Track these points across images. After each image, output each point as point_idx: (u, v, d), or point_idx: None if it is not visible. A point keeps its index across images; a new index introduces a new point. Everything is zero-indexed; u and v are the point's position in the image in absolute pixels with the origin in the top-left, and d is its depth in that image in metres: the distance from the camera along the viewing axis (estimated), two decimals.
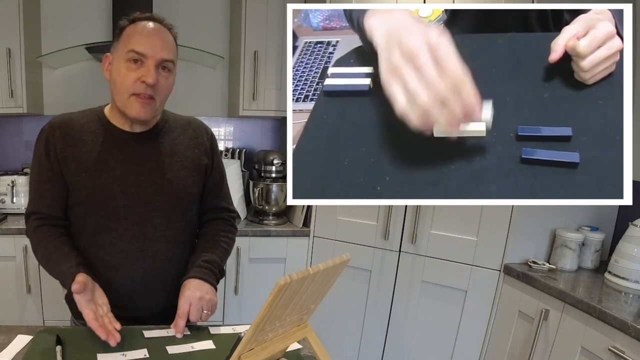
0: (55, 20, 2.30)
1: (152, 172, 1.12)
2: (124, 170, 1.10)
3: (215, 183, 1.26)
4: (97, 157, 1.09)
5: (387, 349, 2.08)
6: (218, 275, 1.19)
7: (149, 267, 1.14)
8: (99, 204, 1.09)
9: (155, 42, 1.04)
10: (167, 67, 1.07)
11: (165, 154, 1.15)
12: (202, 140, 1.22)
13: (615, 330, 1.31)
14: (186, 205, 1.18)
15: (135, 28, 1.05)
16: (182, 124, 1.21)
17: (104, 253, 1.12)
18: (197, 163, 1.19)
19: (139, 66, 1.03)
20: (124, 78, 1.04)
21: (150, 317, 1.15)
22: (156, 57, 1.04)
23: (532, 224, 1.77)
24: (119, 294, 1.11)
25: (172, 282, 1.17)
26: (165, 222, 1.14)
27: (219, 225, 1.27)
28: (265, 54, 2.24)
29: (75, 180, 1.09)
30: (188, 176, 1.17)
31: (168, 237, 1.15)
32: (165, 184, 1.13)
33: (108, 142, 1.11)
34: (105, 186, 1.08)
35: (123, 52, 1.04)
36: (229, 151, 2.53)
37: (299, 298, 0.79)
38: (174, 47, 1.09)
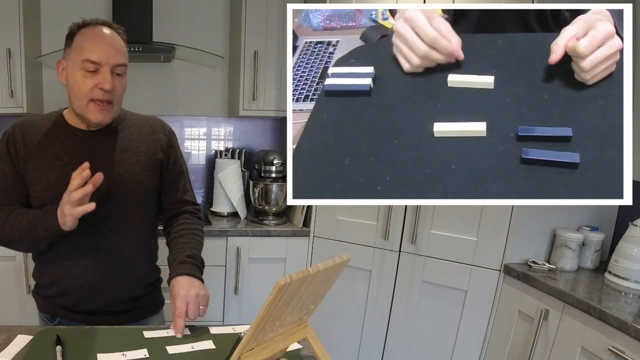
0: (55, 20, 2.30)
1: (105, 167, 1.14)
2: (78, 165, 1.10)
3: (173, 178, 1.29)
4: (53, 154, 1.14)
5: (387, 349, 2.08)
6: (202, 268, 1.23)
7: (101, 260, 1.17)
8: (54, 198, 1.10)
9: (108, 48, 1.09)
10: (120, 71, 1.12)
11: (118, 150, 1.19)
12: (159, 136, 1.26)
13: (615, 330, 1.31)
14: (140, 199, 1.21)
15: (85, 34, 1.10)
16: (139, 122, 1.26)
17: (58, 246, 1.15)
18: (151, 158, 1.23)
19: (94, 73, 1.09)
20: (81, 85, 1.09)
21: (108, 309, 1.19)
22: (110, 63, 1.09)
23: (532, 224, 1.77)
24: (73, 285, 1.16)
25: (127, 275, 1.20)
26: (117, 216, 1.17)
27: (187, 219, 1.31)
28: (265, 54, 2.24)
29: (32, 177, 1.14)
30: (141, 170, 1.20)
31: (121, 231, 1.18)
32: (117, 179, 1.16)
33: (64, 140, 1.16)
34: (60, 181, 1.11)
35: (77, 60, 1.08)
36: (229, 151, 2.53)
37: (299, 298, 0.79)
38: (125, 50, 1.14)
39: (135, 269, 1.22)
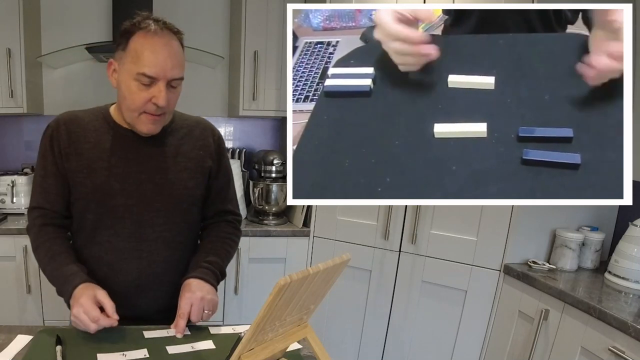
0: (55, 20, 2.30)
1: (153, 172, 1.12)
2: (125, 168, 1.10)
3: (221, 186, 1.25)
4: (99, 155, 1.09)
5: (387, 349, 2.08)
6: (219, 277, 1.19)
7: (144, 267, 1.14)
8: (98, 201, 1.09)
9: (165, 61, 1.01)
10: (175, 84, 1.06)
11: (168, 155, 1.14)
12: (208, 142, 1.21)
13: (615, 330, 1.31)
14: (187, 207, 1.18)
15: (142, 42, 1.01)
16: (189, 125, 1.20)
17: (100, 250, 1.12)
18: (200, 165, 1.18)
19: (149, 86, 1.02)
20: (135, 96, 1.03)
21: (147, 316, 1.15)
22: (167, 77, 1.03)
23: (532, 224, 1.77)
24: (113, 291, 1.10)
25: (169, 284, 1.16)
26: (163, 223, 1.14)
27: (222, 227, 1.27)
28: (265, 54, 2.24)
29: (77, 177, 1.09)
30: (190, 178, 1.16)
31: (165, 238, 1.15)
32: (166, 185, 1.13)
33: (111, 141, 1.11)
34: (105, 184, 1.08)
35: (132, 70, 1.02)
36: (229, 151, 2.53)
37: (299, 298, 0.79)
38: (182, 59, 1.07)
39: (177, 279, 1.16)
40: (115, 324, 0.97)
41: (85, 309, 0.96)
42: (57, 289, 1.07)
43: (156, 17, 1.04)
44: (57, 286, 1.06)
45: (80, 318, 0.96)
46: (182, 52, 1.07)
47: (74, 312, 0.97)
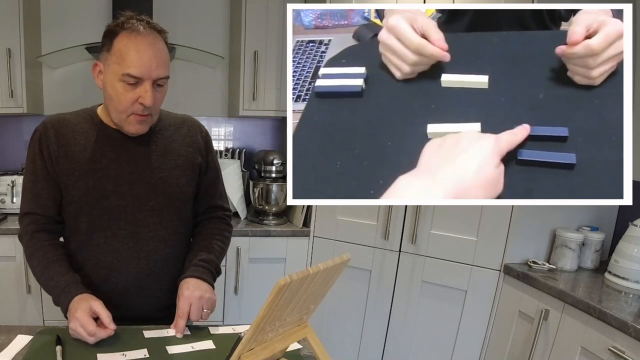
0: (55, 20, 2.30)
1: (144, 171, 1.12)
2: (117, 169, 1.10)
3: (210, 182, 1.26)
4: (90, 157, 1.09)
5: (387, 349, 2.08)
6: (215, 274, 1.19)
7: (143, 267, 1.13)
8: (92, 204, 1.09)
9: (151, 61, 1.01)
10: (161, 82, 1.06)
11: (158, 153, 1.15)
12: (196, 138, 1.22)
13: (615, 330, 1.31)
14: (180, 205, 1.18)
15: (128, 41, 1.01)
16: (176, 122, 1.21)
17: (98, 252, 1.11)
18: (191, 162, 1.19)
19: (134, 86, 1.03)
20: (122, 97, 1.03)
21: (147, 315, 1.15)
22: (152, 77, 1.03)
23: (532, 224, 1.77)
24: (112, 292, 1.11)
25: (167, 282, 1.17)
26: (158, 222, 1.14)
27: (214, 223, 1.27)
28: (265, 54, 2.24)
29: (68, 180, 1.09)
30: (182, 175, 1.17)
31: (162, 237, 1.15)
32: (158, 183, 1.13)
33: (101, 142, 1.10)
34: (99, 185, 1.08)
35: (117, 71, 1.01)
36: (229, 151, 2.53)
37: (299, 298, 0.79)
38: (167, 58, 1.07)
39: (175, 276, 1.17)
40: (112, 333, 0.98)
41: (81, 323, 0.96)
42: (52, 299, 1.06)
43: (140, 17, 1.04)
44: (53, 297, 1.06)
45: (77, 332, 0.96)
46: (167, 51, 1.07)
47: (71, 326, 0.98)
